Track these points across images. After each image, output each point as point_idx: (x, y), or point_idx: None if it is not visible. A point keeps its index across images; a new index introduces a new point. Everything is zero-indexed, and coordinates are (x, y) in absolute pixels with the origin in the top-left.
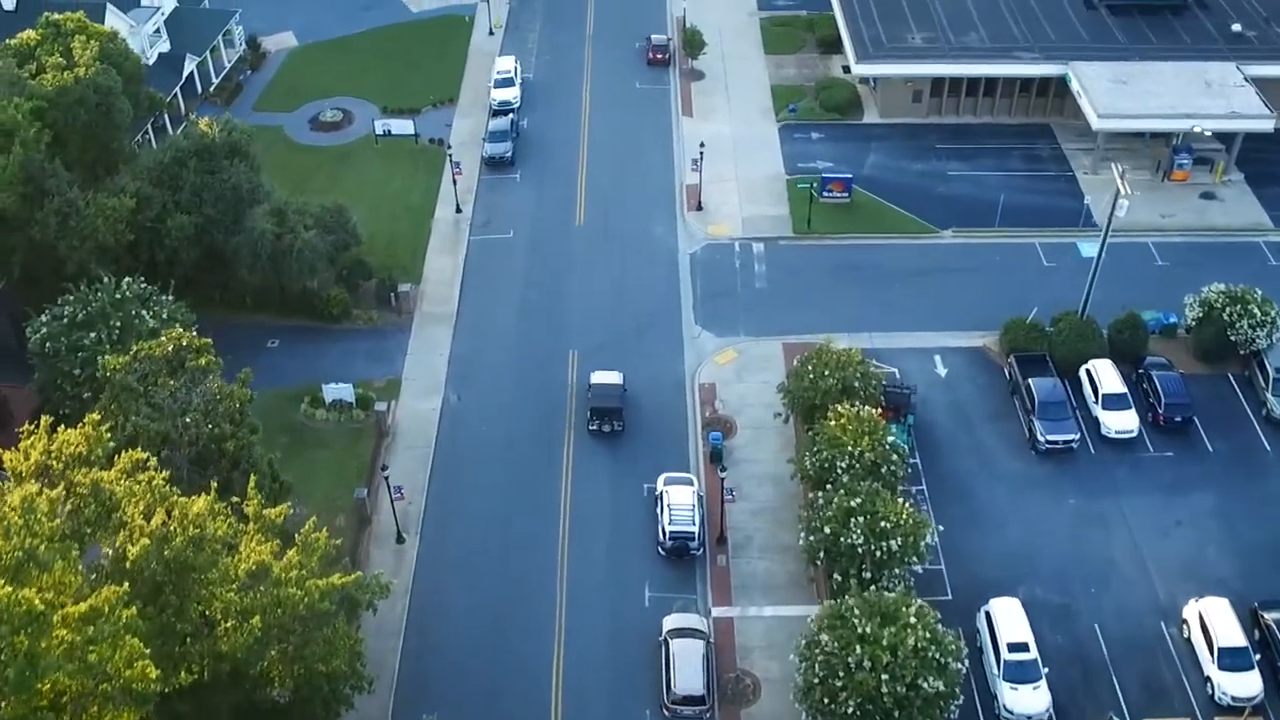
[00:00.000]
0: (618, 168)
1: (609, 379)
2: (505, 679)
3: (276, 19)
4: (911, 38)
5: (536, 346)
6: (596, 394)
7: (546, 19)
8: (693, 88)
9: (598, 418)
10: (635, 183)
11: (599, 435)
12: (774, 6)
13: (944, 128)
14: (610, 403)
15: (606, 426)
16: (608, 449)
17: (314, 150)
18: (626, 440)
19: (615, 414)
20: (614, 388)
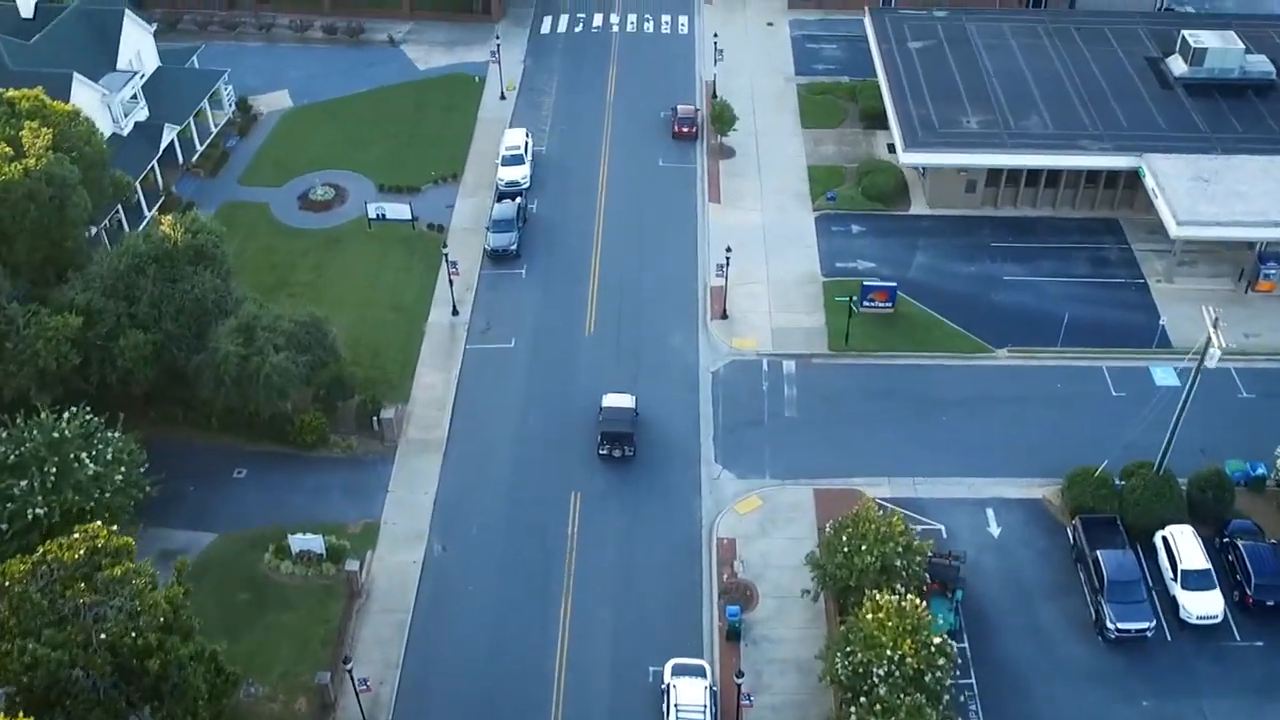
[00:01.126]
0: (635, 264)
1: (621, 402)
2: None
3: (271, 76)
4: (966, 120)
5: (534, 486)
6: (607, 418)
7: (564, 80)
8: (721, 167)
9: (608, 443)
10: (653, 283)
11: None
12: (813, 70)
13: (1000, 222)
14: (621, 427)
15: (617, 452)
16: (609, 620)
17: (301, 234)
18: (629, 612)
19: (626, 439)
20: (625, 411)
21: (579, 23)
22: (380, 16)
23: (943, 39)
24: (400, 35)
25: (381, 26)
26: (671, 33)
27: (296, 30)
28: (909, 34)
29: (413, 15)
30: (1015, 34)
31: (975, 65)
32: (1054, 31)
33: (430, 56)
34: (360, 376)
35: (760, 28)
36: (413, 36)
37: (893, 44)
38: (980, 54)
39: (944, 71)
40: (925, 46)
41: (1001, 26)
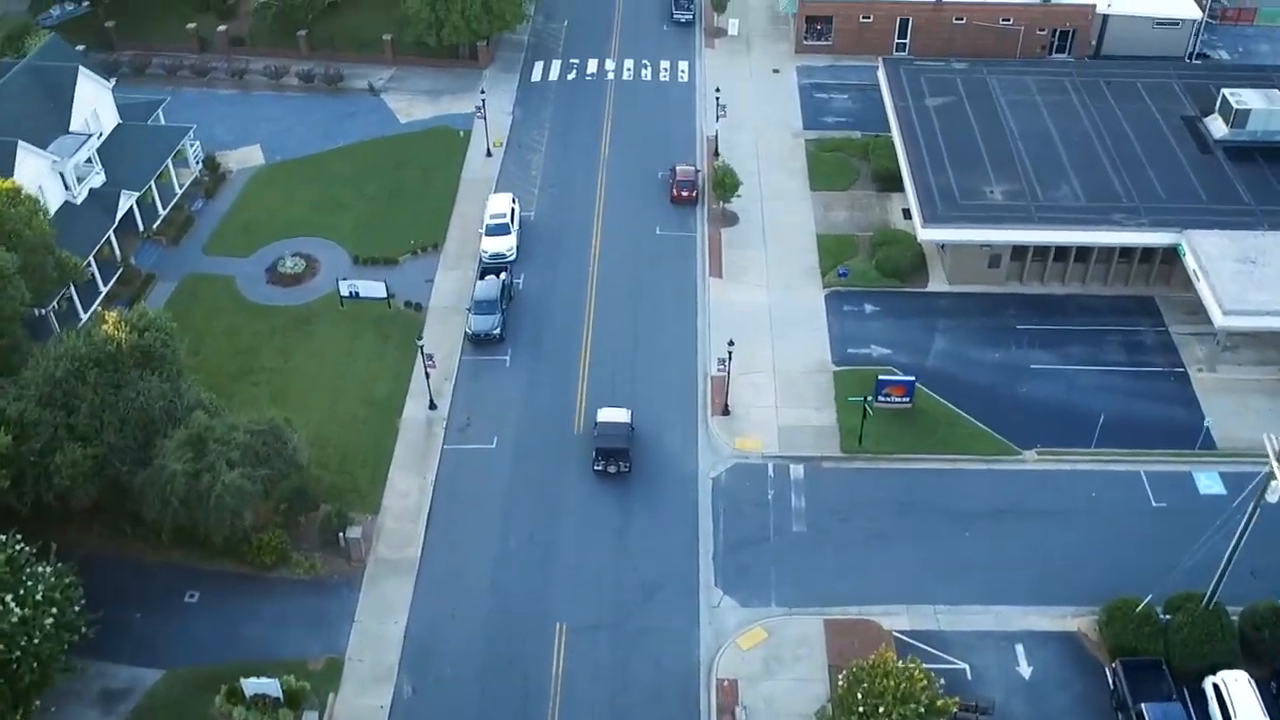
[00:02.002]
0: (628, 350)
1: (616, 417)
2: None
3: (243, 128)
4: (990, 191)
5: (514, 616)
6: (602, 433)
7: (555, 135)
8: (723, 236)
9: (603, 458)
10: (649, 372)
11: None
12: (823, 124)
13: (1026, 301)
14: (617, 443)
15: (613, 467)
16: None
17: (268, 312)
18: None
19: (622, 454)
20: (621, 426)
21: (572, 69)
22: (361, 61)
23: (963, 94)
24: (381, 83)
25: (362, 72)
26: (671, 80)
27: (271, 77)
28: (926, 89)
29: (395, 61)
30: (1041, 89)
31: (998, 125)
32: (1082, 86)
33: (413, 107)
34: (327, 483)
35: (765, 74)
36: (395, 84)
37: (909, 100)
38: (1004, 112)
39: (965, 133)
40: (944, 104)
41: (1025, 80)
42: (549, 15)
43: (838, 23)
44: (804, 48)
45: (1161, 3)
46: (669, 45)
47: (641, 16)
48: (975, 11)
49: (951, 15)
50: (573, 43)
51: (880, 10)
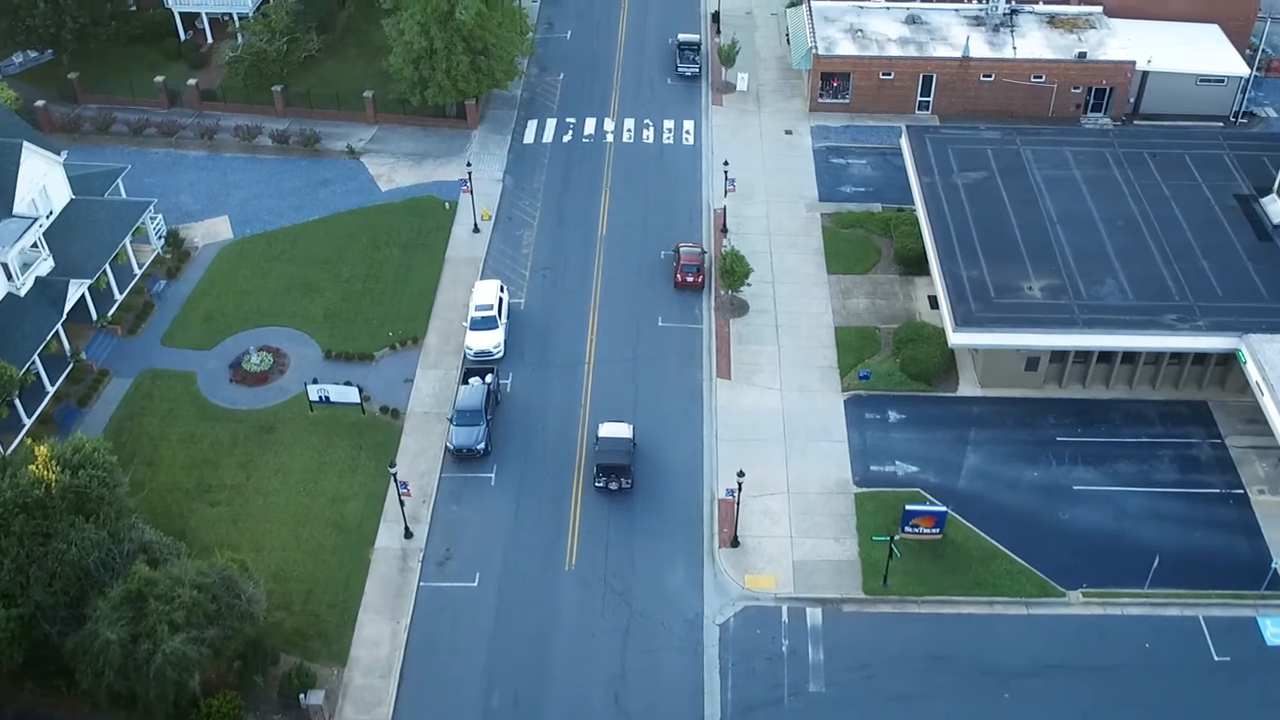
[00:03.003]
0: None
1: (617, 432)
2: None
3: (211, 196)
4: (1028, 287)
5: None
6: (604, 448)
7: (549, 206)
8: (732, 329)
9: (604, 474)
10: (649, 495)
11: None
12: (840, 194)
13: (1066, 407)
14: (618, 459)
15: (614, 484)
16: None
17: (230, 417)
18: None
19: (623, 471)
20: (622, 441)
21: (568, 129)
22: (340, 118)
23: (994, 169)
24: (362, 144)
25: (341, 131)
26: (675, 142)
27: (243, 137)
28: (954, 161)
29: (377, 119)
30: (1079, 162)
31: (1035, 206)
32: (1125, 159)
33: (395, 173)
34: (288, 628)
35: (778, 136)
36: (376, 146)
37: (935, 176)
38: (1040, 190)
39: (998, 215)
40: (974, 181)
41: (1063, 152)
42: (544, 68)
43: (856, 79)
44: (819, 105)
45: (1205, 58)
46: (673, 102)
47: (644, 69)
48: (1004, 69)
49: (979, 73)
50: (570, 98)
51: (902, 67)
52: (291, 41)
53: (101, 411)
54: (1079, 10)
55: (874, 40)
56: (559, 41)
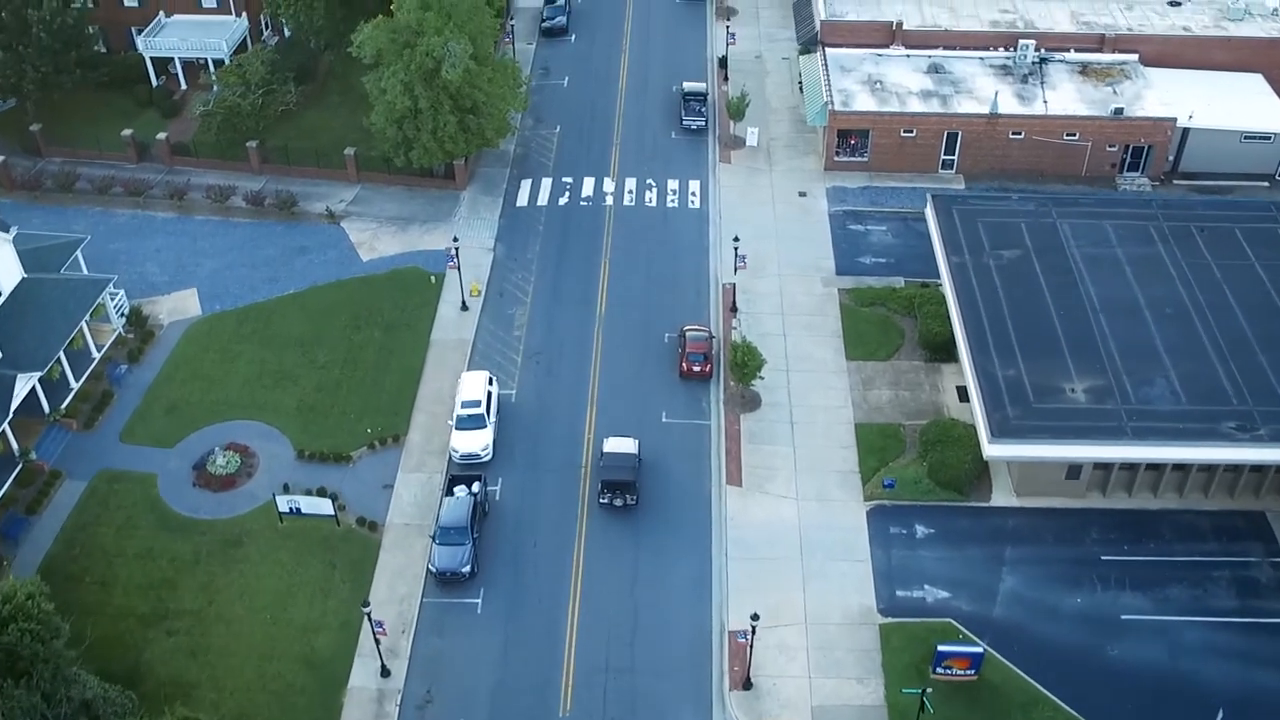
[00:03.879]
0: (627, 594)
1: (622, 446)
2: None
3: (179, 265)
4: (1070, 388)
5: None
6: (608, 464)
7: (543, 279)
8: (744, 426)
9: (608, 491)
10: (653, 628)
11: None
12: (859, 265)
13: (1111, 519)
14: (623, 475)
15: (619, 501)
16: None
17: (193, 528)
18: None
19: (628, 487)
20: (627, 457)
21: (565, 190)
22: (320, 177)
23: (1029, 246)
24: (343, 206)
25: (321, 192)
26: (680, 205)
27: (215, 199)
28: (985, 237)
29: (360, 178)
30: (1121, 238)
31: (1075, 290)
32: (1170, 234)
33: (377, 240)
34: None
35: (791, 198)
36: (357, 208)
37: (965, 255)
38: (1080, 271)
39: (1035, 302)
40: (1008, 260)
41: (1103, 227)
42: (539, 119)
43: (875, 137)
44: (835, 164)
45: (1249, 113)
46: (678, 159)
47: (646, 121)
48: (1035, 126)
49: (1007, 130)
50: (567, 154)
51: (925, 124)
52: (268, 94)
53: (52, 520)
54: (1113, 59)
55: (894, 93)
56: (555, 89)
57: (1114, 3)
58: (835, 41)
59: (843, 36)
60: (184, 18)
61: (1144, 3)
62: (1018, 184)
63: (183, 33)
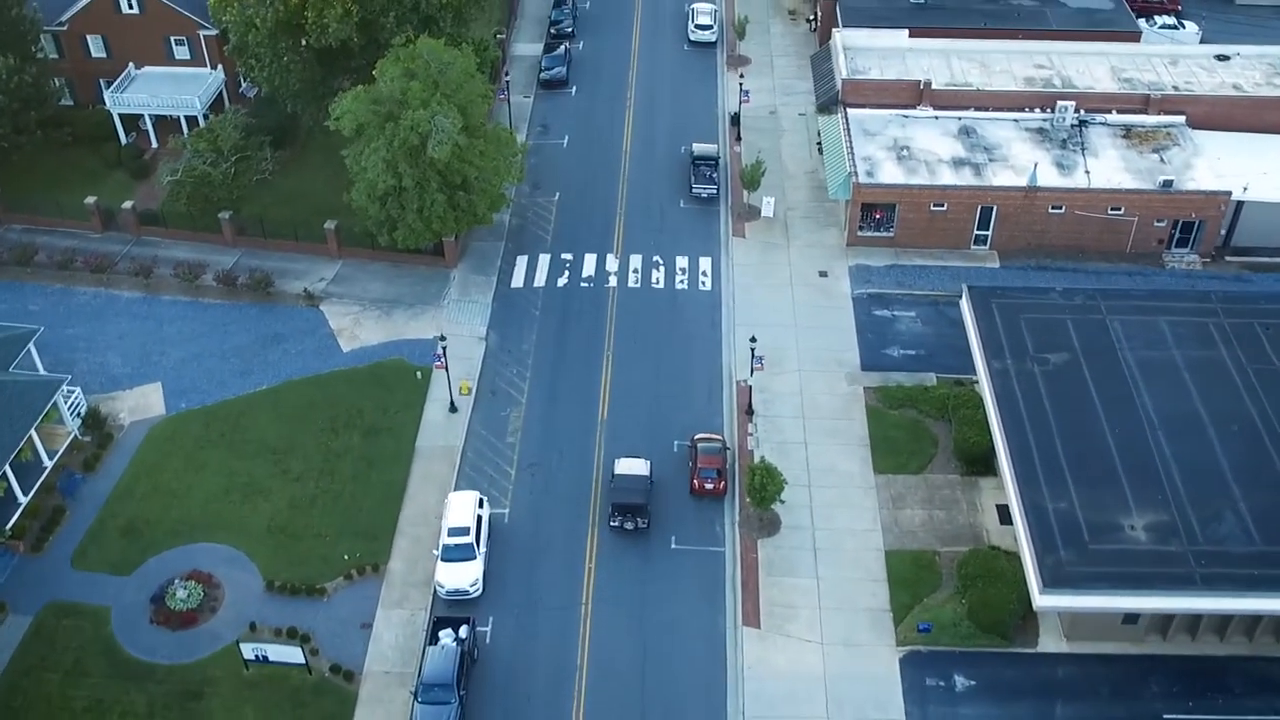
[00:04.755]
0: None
1: (633, 468)
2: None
3: (143, 354)
4: (1129, 525)
5: None
6: (619, 486)
7: (540, 375)
8: (761, 554)
9: (620, 514)
10: None
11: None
12: (886, 358)
13: (1172, 668)
14: (634, 498)
15: (630, 524)
16: None
17: (147, 675)
18: None
19: (640, 510)
20: (639, 479)
21: (564, 269)
22: (299, 251)
23: (1077, 347)
24: (323, 285)
25: (299, 269)
26: (690, 287)
27: (184, 277)
28: (1028, 337)
29: (341, 253)
30: (1179, 338)
31: (1130, 403)
32: (1232, 334)
33: (360, 327)
34: None
35: (811, 279)
36: (338, 288)
37: (1007, 360)
38: (1134, 378)
39: (1087, 418)
40: (1054, 366)
41: (1158, 324)
42: (537, 184)
43: (902, 211)
44: (858, 239)
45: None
46: (687, 232)
47: (653, 187)
48: (1077, 200)
49: (1047, 204)
50: (566, 226)
51: (957, 198)
52: (242, 160)
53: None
54: (1158, 121)
55: (922, 161)
56: (554, 149)
57: (1156, 57)
58: (857, 101)
59: (865, 96)
60: (155, 69)
61: (1189, 56)
62: (1056, 261)
63: (154, 87)
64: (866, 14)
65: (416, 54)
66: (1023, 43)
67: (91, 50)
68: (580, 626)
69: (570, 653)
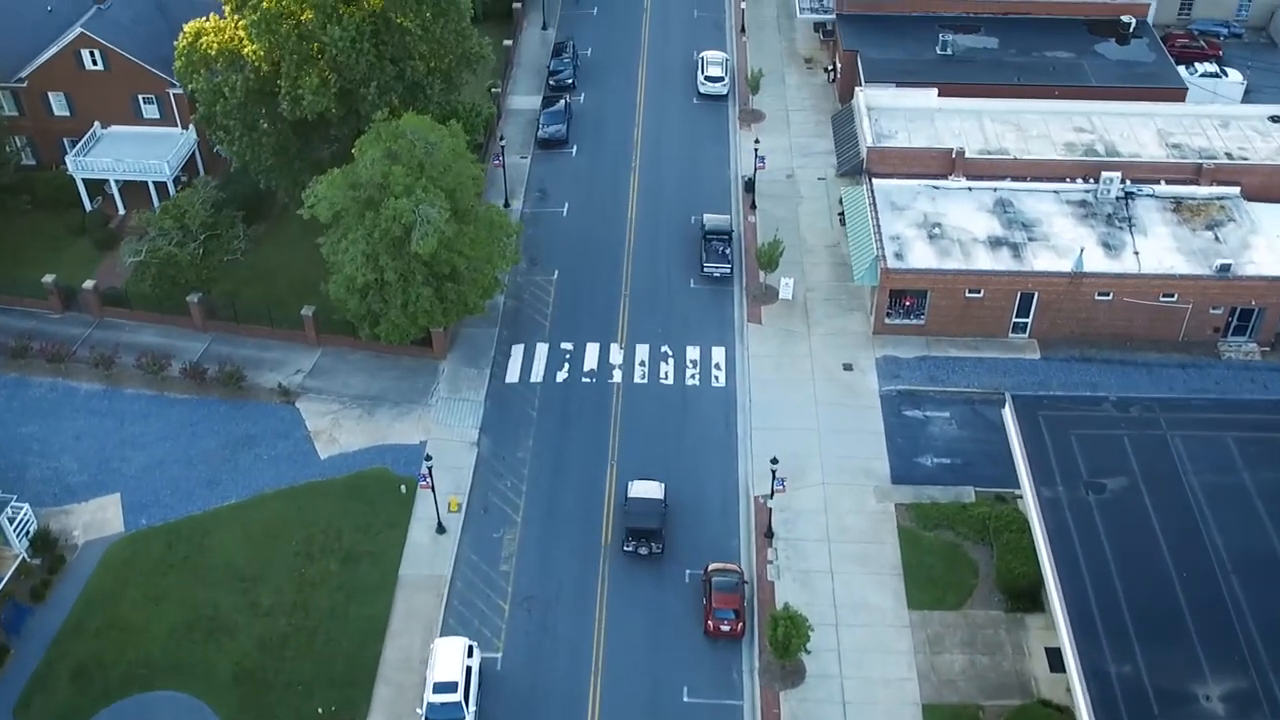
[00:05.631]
0: None
1: (647, 491)
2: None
3: (101, 461)
4: (1205, 694)
5: None
6: (633, 510)
7: (537, 490)
8: (784, 708)
9: (634, 539)
10: None
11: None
12: (919, 470)
13: None
14: (649, 522)
15: (644, 549)
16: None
17: None
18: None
19: (654, 535)
20: (654, 503)
21: (564, 361)
22: (274, 338)
23: (1135, 470)
24: (299, 378)
25: (274, 357)
26: (702, 384)
27: (148, 369)
28: (1080, 457)
29: (320, 341)
30: (1249, 458)
31: (1198, 540)
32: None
33: (339, 429)
34: None
35: (834, 373)
36: (316, 382)
37: (1058, 487)
38: (1202, 511)
39: (1150, 559)
40: (1112, 495)
41: (1224, 441)
42: (534, 259)
43: (935, 298)
44: (886, 327)
45: None
46: (698, 317)
47: (660, 264)
48: (1126, 287)
49: (1093, 291)
50: (566, 309)
51: (995, 284)
52: (211, 238)
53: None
54: (1211, 193)
55: (955, 241)
56: (553, 219)
57: (1206, 118)
58: (884, 171)
59: (892, 165)
60: (122, 129)
61: (1241, 118)
62: (1102, 351)
63: (120, 148)
64: (890, 67)
65: (400, 132)
66: (1061, 103)
67: (54, 108)
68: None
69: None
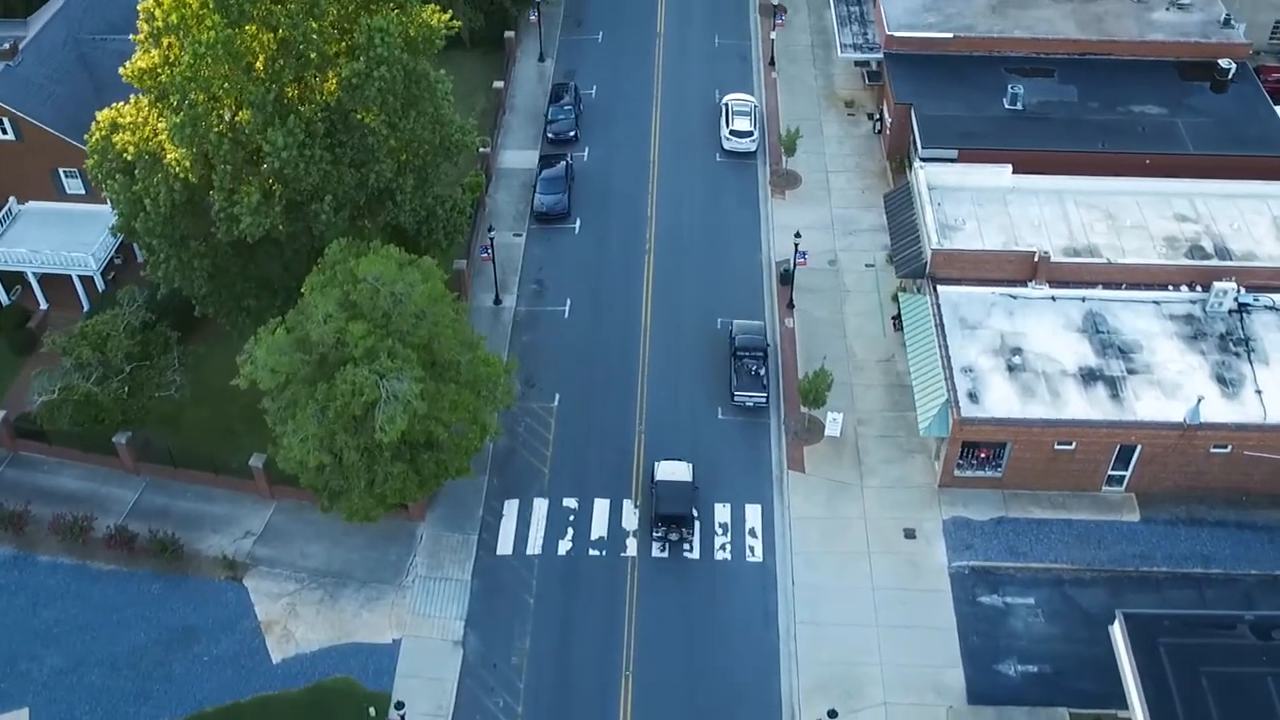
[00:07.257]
0: None
1: (675, 473)
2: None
3: (7, 668)
4: None
5: None
6: (661, 495)
7: (536, 712)
8: None
9: (663, 525)
10: None
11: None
12: (1001, 684)
13: None
14: (678, 508)
15: (674, 535)
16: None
17: None
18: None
19: (685, 521)
20: (683, 485)
21: (567, 524)
22: (219, 486)
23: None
24: (249, 545)
25: (219, 513)
26: (734, 558)
27: (68, 538)
28: (1211, 699)
29: (274, 493)
30: None
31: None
32: None
33: (294, 620)
34: None
35: (894, 542)
36: (269, 549)
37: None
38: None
39: None
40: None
41: None
42: (531, 379)
43: (1016, 450)
44: (955, 480)
45: None
46: (728, 462)
47: (681, 387)
48: (1248, 439)
49: (1207, 443)
50: (568, 449)
51: (1090, 437)
52: (139, 369)
53: None
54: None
55: (1040, 373)
56: (553, 320)
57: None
58: (951, 276)
59: (962, 270)
60: (42, 206)
61: None
62: (1215, 511)
63: (40, 231)
64: (951, 128)
65: (358, 278)
66: (1156, 181)
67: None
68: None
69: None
